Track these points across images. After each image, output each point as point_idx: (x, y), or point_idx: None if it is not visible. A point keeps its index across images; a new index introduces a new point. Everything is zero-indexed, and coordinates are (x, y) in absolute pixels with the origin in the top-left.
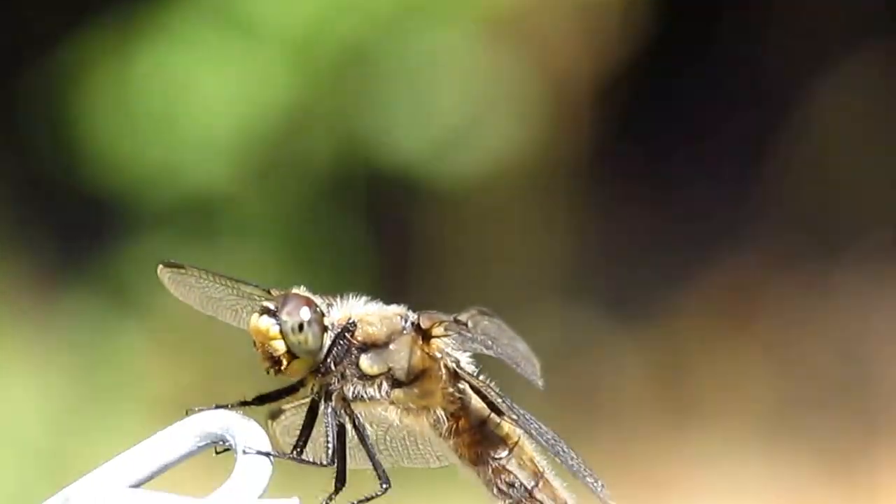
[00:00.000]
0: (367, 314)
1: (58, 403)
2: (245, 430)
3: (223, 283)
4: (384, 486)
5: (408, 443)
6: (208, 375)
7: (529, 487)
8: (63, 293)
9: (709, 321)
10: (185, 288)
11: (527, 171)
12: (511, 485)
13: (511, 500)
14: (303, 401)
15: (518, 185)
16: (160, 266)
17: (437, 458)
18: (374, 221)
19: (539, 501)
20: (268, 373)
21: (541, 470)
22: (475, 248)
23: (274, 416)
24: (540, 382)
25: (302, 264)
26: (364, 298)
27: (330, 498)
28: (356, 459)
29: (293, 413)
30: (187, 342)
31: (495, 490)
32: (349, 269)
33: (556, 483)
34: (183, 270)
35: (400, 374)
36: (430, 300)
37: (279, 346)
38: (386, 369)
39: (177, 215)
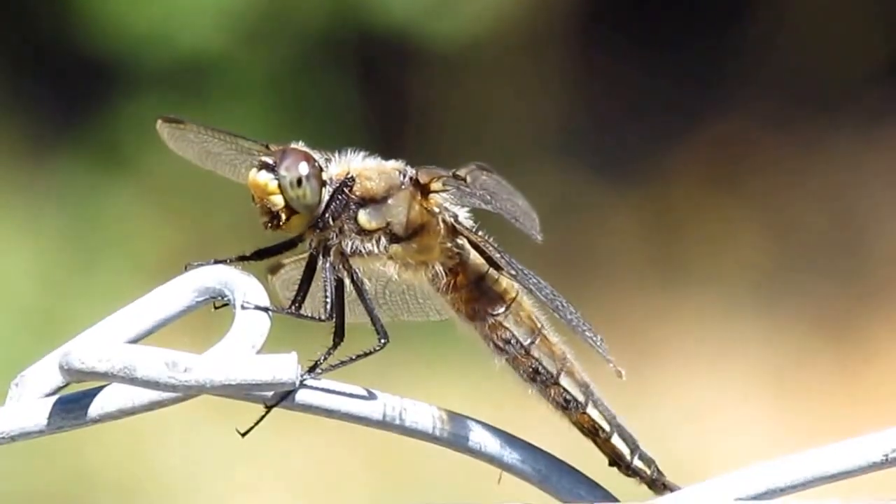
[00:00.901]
0: (366, 169)
1: (50, 263)
2: (244, 285)
3: (222, 138)
4: (383, 340)
5: (407, 297)
6: (199, 236)
7: (526, 343)
8: (56, 154)
9: (701, 182)
10: (183, 143)
11: (520, 32)
12: (508, 341)
13: (508, 356)
14: (302, 255)
15: (511, 46)
16: (159, 121)
17: (437, 311)
18: (368, 82)
19: (536, 357)
20: (266, 228)
21: (538, 326)
22: (468, 108)
23: (273, 270)
24: (539, 237)
25: (295, 125)
26: (362, 154)
27: (328, 353)
28: (355, 314)
29: (293, 267)
30: (178, 203)
31: (492, 346)
32: (343, 131)
33: (554, 339)
34: (182, 125)
35: (398, 228)
36: (423, 160)
37: (277, 201)
38: (384, 224)
39: (169, 77)
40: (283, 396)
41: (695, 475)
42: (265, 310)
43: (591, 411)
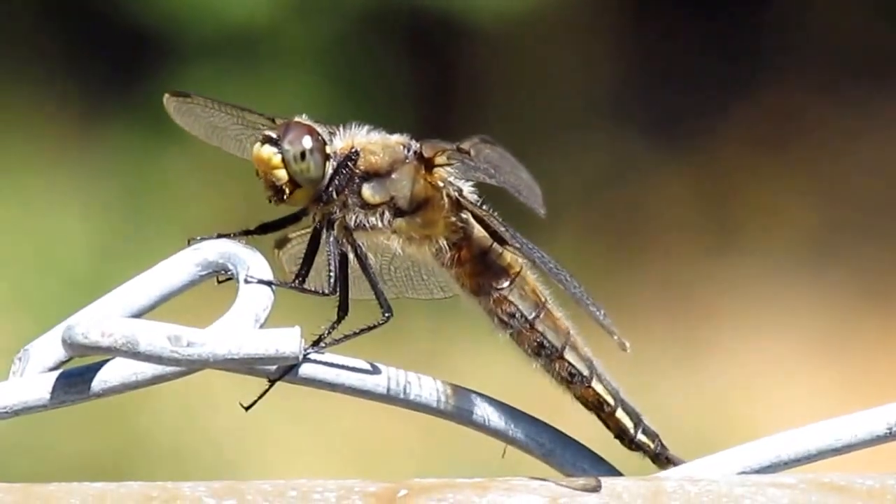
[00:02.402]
0: (370, 143)
1: (102, 229)
2: (247, 259)
3: (228, 111)
4: (386, 315)
5: (412, 273)
6: (247, 201)
7: (530, 318)
8: (108, 122)
9: (751, 147)
10: (190, 118)
11: (569, 4)
12: (512, 315)
13: (512, 331)
14: (308, 229)
15: (561, 17)
16: (166, 95)
17: (441, 288)
18: (417, 55)
19: (540, 332)
20: (270, 202)
21: (542, 300)
22: (517, 80)
23: (280, 244)
24: (542, 211)
25: (343, 97)
26: (367, 127)
27: (332, 327)
28: (359, 289)
29: (300, 242)
30: (227, 168)
31: (496, 320)
32: (392, 103)
33: (558, 314)
34: (189, 99)
35: (402, 203)
36: (472, 132)
37: (281, 175)
38: (388, 198)
39: (221, 47)
40: (286, 370)
41: (743, 435)
42: (268, 284)
43: (596, 385)
